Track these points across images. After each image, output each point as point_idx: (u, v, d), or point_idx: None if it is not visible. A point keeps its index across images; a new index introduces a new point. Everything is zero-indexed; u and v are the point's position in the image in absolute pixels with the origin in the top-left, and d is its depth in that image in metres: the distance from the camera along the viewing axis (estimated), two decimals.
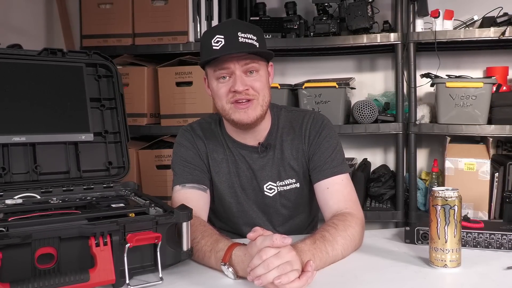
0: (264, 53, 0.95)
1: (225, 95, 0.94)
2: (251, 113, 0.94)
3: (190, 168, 1.00)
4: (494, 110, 1.63)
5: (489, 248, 0.87)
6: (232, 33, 0.91)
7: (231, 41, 0.91)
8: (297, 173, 1.03)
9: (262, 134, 1.03)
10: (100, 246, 0.69)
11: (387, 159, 2.04)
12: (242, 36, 0.91)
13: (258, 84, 0.94)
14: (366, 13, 1.69)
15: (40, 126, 0.94)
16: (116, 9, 1.86)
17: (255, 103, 0.95)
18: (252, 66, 0.94)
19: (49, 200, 0.87)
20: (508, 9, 1.68)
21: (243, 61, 0.92)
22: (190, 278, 0.77)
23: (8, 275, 0.64)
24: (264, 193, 1.03)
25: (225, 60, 0.92)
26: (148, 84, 1.86)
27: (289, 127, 1.05)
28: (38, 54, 0.96)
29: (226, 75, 0.94)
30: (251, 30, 0.94)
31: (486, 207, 1.63)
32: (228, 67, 0.93)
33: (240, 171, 1.03)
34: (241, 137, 1.02)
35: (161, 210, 0.80)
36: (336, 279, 0.76)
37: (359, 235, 0.89)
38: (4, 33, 1.56)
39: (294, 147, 1.03)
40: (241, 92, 0.93)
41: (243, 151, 1.03)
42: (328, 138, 1.03)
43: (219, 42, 0.91)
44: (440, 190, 0.78)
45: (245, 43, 0.91)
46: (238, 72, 0.93)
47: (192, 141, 1.03)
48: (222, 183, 1.03)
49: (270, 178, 1.03)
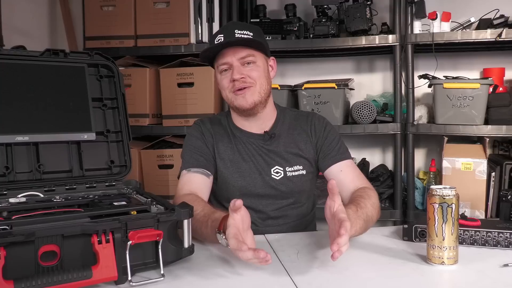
0: (259, 46, 1.04)
1: (227, 85, 1.05)
2: (249, 98, 1.04)
3: (196, 155, 1.09)
4: (491, 111, 1.64)
5: (485, 246, 0.87)
6: (229, 31, 1.03)
7: (229, 36, 1.02)
8: (304, 161, 1.11)
9: (267, 124, 1.12)
10: (103, 243, 0.70)
11: (385, 158, 2.05)
12: (239, 33, 1.03)
13: (254, 73, 1.04)
14: (365, 15, 1.71)
15: (43, 126, 0.94)
16: (118, 11, 1.88)
17: (252, 90, 1.04)
18: (248, 58, 1.04)
19: (52, 198, 0.87)
20: (505, 11, 1.70)
21: (239, 54, 1.03)
22: (191, 275, 0.77)
23: (12, 273, 0.64)
24: (271, 176, 1.09)
25: (224, 55, 1.04)
26: (150, 85, 1.88)
27: (295, 123, 1.15)
28: (40, 55, 0.97)
29: (227, 67, 1.05)
30: (248, 28, 1.05)
31: (483, 206, 1.64)
32: (227, 61, 1.04)
33: (246, 157, 1.10)
34: (247, 126, 1.11)
35: (163, 208, 0.81)
36: (335, 275, 0.77)
37: (379, 205, 1.02)
38: (9, 35, 1.57)
39: (302, 139, 1.13)
40: (238, 80, 1.03)
41: (250, 139, 1.11)
42: (333, 131, 1.15)
43: (219, 40, 1.03)
44: (438, 189, 0.78)
45: (241, 38, 1.02)
46: (235, 64, 1.03)
47: (201, 132, 1.13)
48: (227, 168, 1.09)
49: (278, 163, 1.10)
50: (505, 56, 1.86)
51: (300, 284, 0.73)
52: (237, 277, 0.77)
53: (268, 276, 0.78)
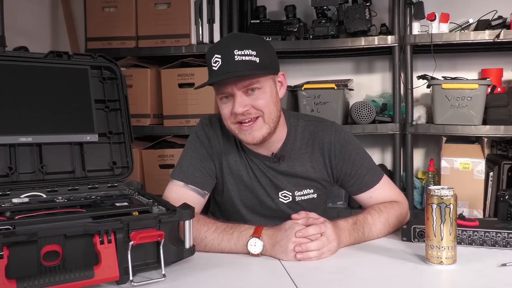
0: (265, 68, 0.89)
1: (228, 116, 0.92)
2: (256, 134, 0.91)
3: (197, 169, 0.99)
4: (489, 111, 1.65)
5: (483, 246, 0.88)
6: (228, 52, 0.87)
7: (227, 61, 0.87)
8: (316, 184, 1.03)
9: (276, 146, 1.00)
10: (105, 243, 0.70)
11: (384, 158, 2.06)
12: (239, 54, 0.86)
13: (260, 102, 0.90)
14: (364, 16, 1.72)
15: (46, 127, 0.95)
16: (120, 12, 1.89)
17: (259, 122, 0.91)
18: (252, 86, 0.89)
19: (54, 199, 0.88)
20: (503, 12, 1.71)
21: (241, 83, 0.88)
22: (192, 275, 0.78)
23: (15, 272, 0.65)
24: (279, 199, 1.03)
25: (223, 84, 0.89)
26: (151, 86, 1.89)
27: (309, 139, 1.02)
28: (44, 57, 0.98)
29: (227, 96, 0.91)
30: (249, 44, 0.88)
31: (481, 206, 1.65)
32: (227, 91, 0.89)
33: (253, 176, 1.02)
34: (254, 147, 1.00)
35: (164, 209, 0.81)
36: (335, 275, 0.77)
37: (399, 221, 0.98)
38: (11, 36, 1.57)
39: (314, 158, 1.01)
40: (241, 113, 0.89)
41: (255, 159, 1.01)
42: (356, 149, 1.02)
43: (217, 62, 0.88)
44: (436, 189, 0.79)
45: (242, 62, 0.86)
46: (237, 94, 0.89)
47: (209, 138, 1.01)
48: (234, 185, 1.02)
49: (286, 187, 1.02)
50: (503, 57, 1.87)
51: (300, 284, 0.73)
52: (237, 277, 0.77)
53: (269, 276, 0.79)
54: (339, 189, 1.71)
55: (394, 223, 0.97)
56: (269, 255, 0.85)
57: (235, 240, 0.86)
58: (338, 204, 1.88)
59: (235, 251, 0.86)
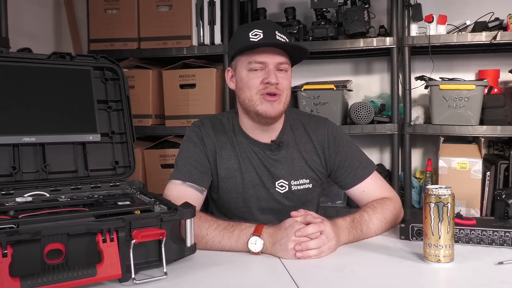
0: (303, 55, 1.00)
1: (256, 85, 0.97)
2: (276, 107, 0.98)
3: (191, 166, 1.02)
4: (486, 111, 1.66)
5: (481, 244, 0.89)
6: (270, 30, 0.96)
7: (270, 36, 0.95)
8: (311, 173, 1.07)
9: (275, 132, 1.05)
10: (107, 242, 0.71)
11: (383, 158, 2.07)
12: (279, 35, 0.96)
13: (286, 83, 0.99)
14: (363, 18, 1.73)
15: (49, 127, 0.95)
16: (122, 14, 1.90)
17: (280, 99, 0.98)
18: (284, 65, 0.98)
19: (57, 198, 0.88)
20: (500, 14, 1.72)
21: (278, 59, 0.97)
22: (193, 273, 0.79)
23: (18, 270, 0.65)
24: (275, 189, 1.05)
25: (262, 53, 0.96)
26: (153, 86, 1.90)
27: (303, 130, 1.08)
28: (47, 58, 0.98)
29: (259, 68, 0.97)
30: (284, 32, 1.00)
31: (478, 205, 1.66)
32: (264, 61, 0.96)
33: (250, 167, 1.04)
34: (255, 134, 1.04)
35: (166, 208, 0.82)
36: (334, 273, 0.78)
37: (395, 216, 1.00)
38: (15, 37, 1.57)
39: (309, 149, 1.06)
40: (273, 85, 0.96)
41: (255, 147, 1.05)
42: (349, 143, 1.08)
43: (257, 35, 0.96)
44: (433, 188, 0.80)
45: (288, 43, 0.97)
46: (271, 67, 0.96)
47: (201, 137, 1.05)
48: (229, 178, 1.04)
49: (283, 176, 1.05)
50: (500, 58, 1.88)
51: (300, 282, 0.74)
52: (238, 275, 0.78)
53: (269, 274, 0.79)
54: (338, 188, 1.72)
55: (390, 219, 0.99)
56: (269, 253, 0.86)
57: (236, 238, 0.87)
58: (337, 203, 1.89)
59: (235, 249, 0.87)
